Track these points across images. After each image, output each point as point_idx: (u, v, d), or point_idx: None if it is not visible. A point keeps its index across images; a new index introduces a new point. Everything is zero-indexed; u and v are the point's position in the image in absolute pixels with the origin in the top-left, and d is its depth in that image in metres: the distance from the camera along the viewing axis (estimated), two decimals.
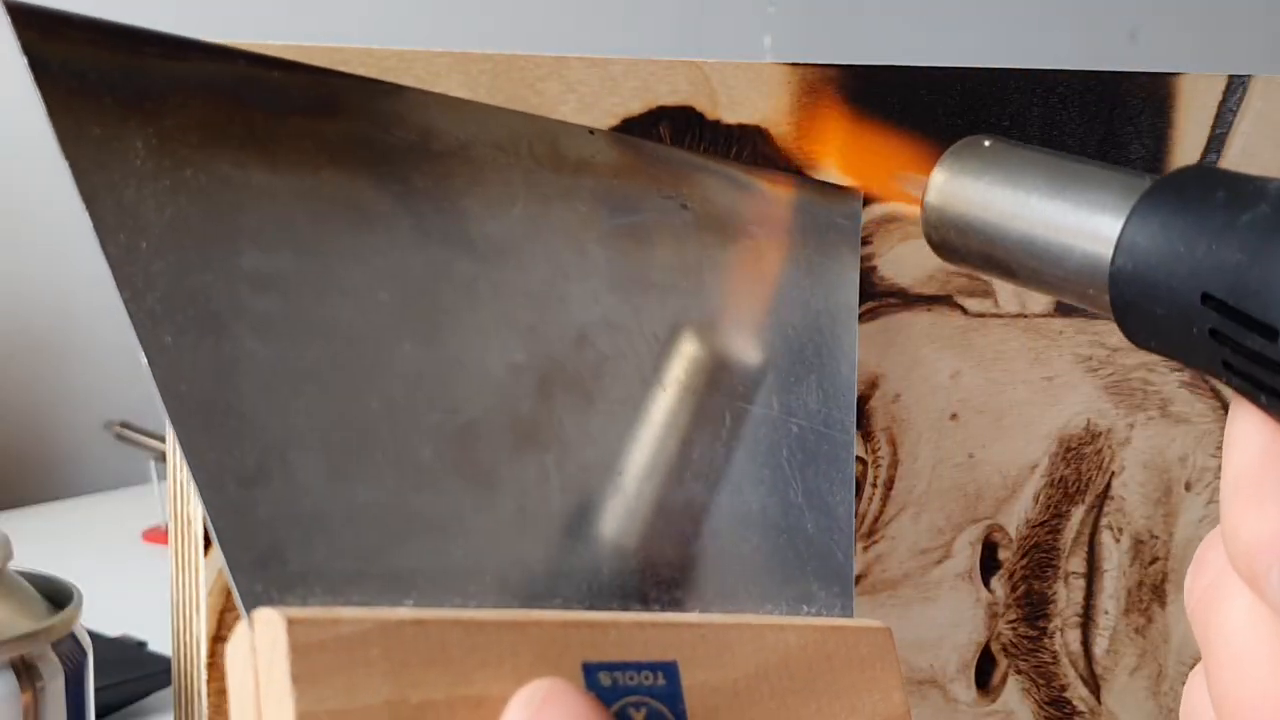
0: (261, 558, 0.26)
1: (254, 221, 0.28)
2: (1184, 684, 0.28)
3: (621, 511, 0.31)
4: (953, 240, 0.31)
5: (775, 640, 0.30)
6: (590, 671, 0.27)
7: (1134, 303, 0.26)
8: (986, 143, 0.31)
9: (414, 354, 0.29)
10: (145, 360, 0.25)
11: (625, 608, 0.30)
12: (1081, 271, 0.27)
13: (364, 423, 0.28)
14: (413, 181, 0.30)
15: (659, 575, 0.31)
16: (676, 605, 0.30)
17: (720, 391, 0.33)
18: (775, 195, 0.36)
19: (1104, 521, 0.43)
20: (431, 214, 0.30)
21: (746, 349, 0.34)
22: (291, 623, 0.24)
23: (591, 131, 0.33)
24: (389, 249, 0.29)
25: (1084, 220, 0.27)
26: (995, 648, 0.43)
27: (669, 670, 0.28)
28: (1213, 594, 0.26)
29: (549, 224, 0.32)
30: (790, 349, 0.35)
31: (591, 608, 0.29)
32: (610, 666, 0.27)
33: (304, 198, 0.28)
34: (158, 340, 0.26)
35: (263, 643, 0.25)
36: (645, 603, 0.30)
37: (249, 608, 0.25)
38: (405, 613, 0.26)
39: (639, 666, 0.28)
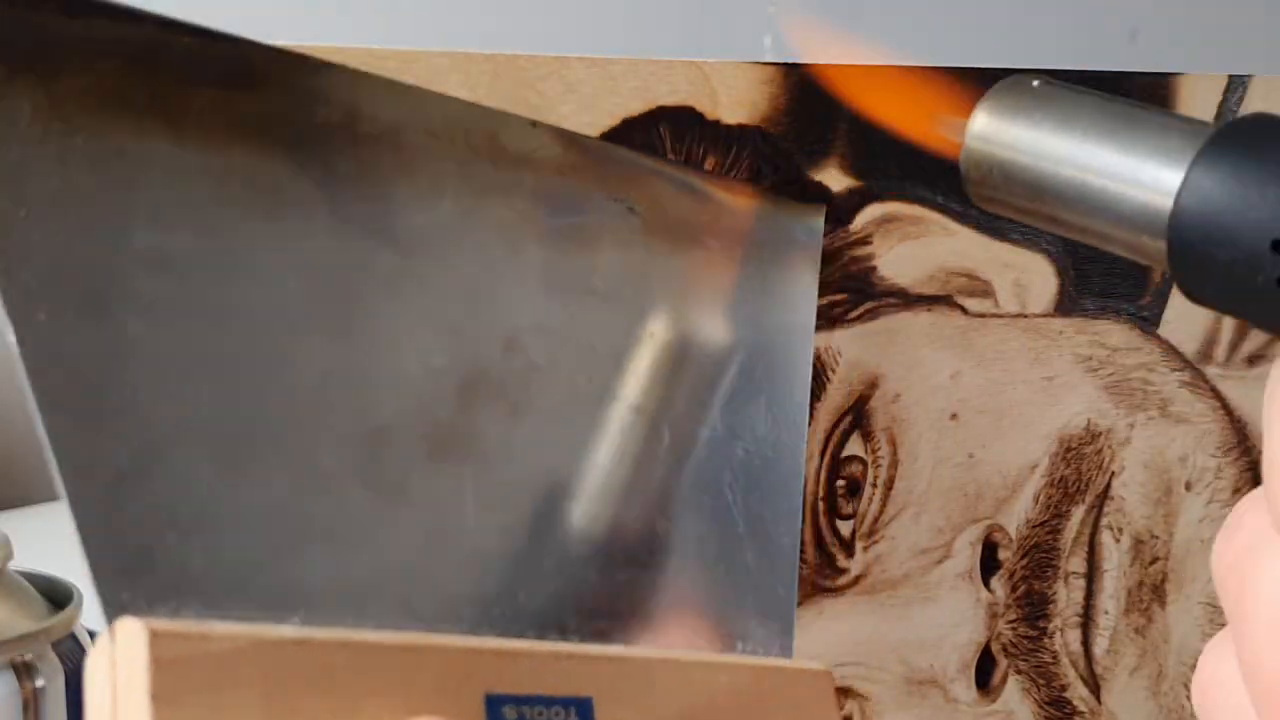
0: (129, 563, 0.23)
1: (151, 197, 0.25)
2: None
3: (542, 532, 0.29)
4: (994, 184, 0.29)
5: (703, 679, 0.28)
6: (494, 704, 0.24)
7: (1196, 249, 0.26)
8: (1034, 82, 0.30)
9: (322, 349, 0.27)
10: (13, 339, 0.23)
11: (541, 637, 0.27)
12: (1137, 218, 0.27)
13: (260, 420, 0.25)
14: (334, 165, 0.28)
15: (580, 604, 0.29)
16: (598, 637, 0.28)
17: (660, 408, 0.31)
18: (732, 205, 0.34)
19: (1104, 521, 0.43)
20: (352, 201, 0.28)
21: (691, 364, 0.32)
22: (155, 635, 0.22)
23: (534, 124, 0.31)
24: (302, 236, 0.27)
25: (1143, 165, 0.27)
26: (995, 648, 0.43)
27: (583, 707, 0.26)
28: (1250, 557, 0.25)
29: (482, 219, 0.30)
30: (740, 367, 0.33)
31: (503, 635, 0.27)
32: (518, 699, 0.25)
33: (211, 176, 0.26)
34: (30, 318, 0.23)
35: (123, 656, 0.22)
36: (564, 633, 0.28)
37: (111, 618, 0.23)
38: (288, 631, 0.23)
39: (550, 701, 0.25)
